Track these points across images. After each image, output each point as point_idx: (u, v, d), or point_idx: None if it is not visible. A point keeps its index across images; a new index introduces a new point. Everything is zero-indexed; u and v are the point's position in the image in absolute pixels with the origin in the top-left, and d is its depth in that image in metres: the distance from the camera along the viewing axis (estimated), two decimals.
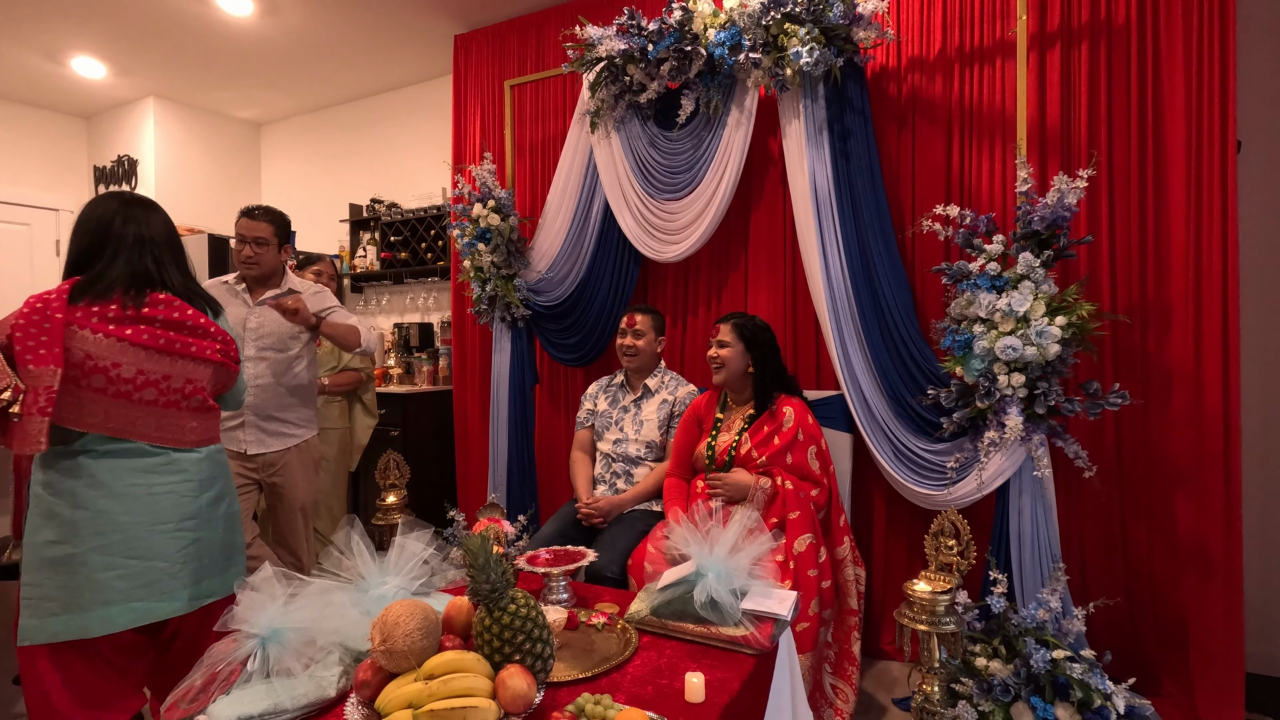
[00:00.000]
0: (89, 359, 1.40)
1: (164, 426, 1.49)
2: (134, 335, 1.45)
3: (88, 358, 1.40)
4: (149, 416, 1.47)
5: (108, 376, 1.42)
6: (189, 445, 1.54)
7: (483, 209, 2.93)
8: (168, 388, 1.49)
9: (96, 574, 1.40)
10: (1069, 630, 1.74)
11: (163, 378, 1.48)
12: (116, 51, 3.94)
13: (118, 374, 1.43)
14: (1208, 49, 2.07)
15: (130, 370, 1.44)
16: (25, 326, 1.35)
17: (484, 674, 1.09)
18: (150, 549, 1.45)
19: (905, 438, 2.26)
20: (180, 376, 1.51)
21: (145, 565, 1.45)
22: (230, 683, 1.14)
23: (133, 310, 1.46)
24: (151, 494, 1.47)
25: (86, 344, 1.41)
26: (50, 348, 1.35)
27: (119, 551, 1.42)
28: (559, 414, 3.30)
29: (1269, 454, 2.34)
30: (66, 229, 4.91)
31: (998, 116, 2.33)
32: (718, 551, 1.45)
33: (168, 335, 1.49)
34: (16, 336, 1.34)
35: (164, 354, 1.48)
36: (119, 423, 1.44)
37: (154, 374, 1.47)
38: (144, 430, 1.47)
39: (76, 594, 1.39)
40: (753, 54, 2.35)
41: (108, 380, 1.42)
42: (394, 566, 1.37)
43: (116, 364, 1.43)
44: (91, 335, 1.41)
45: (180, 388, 1.51)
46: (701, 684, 1.18)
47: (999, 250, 1.99)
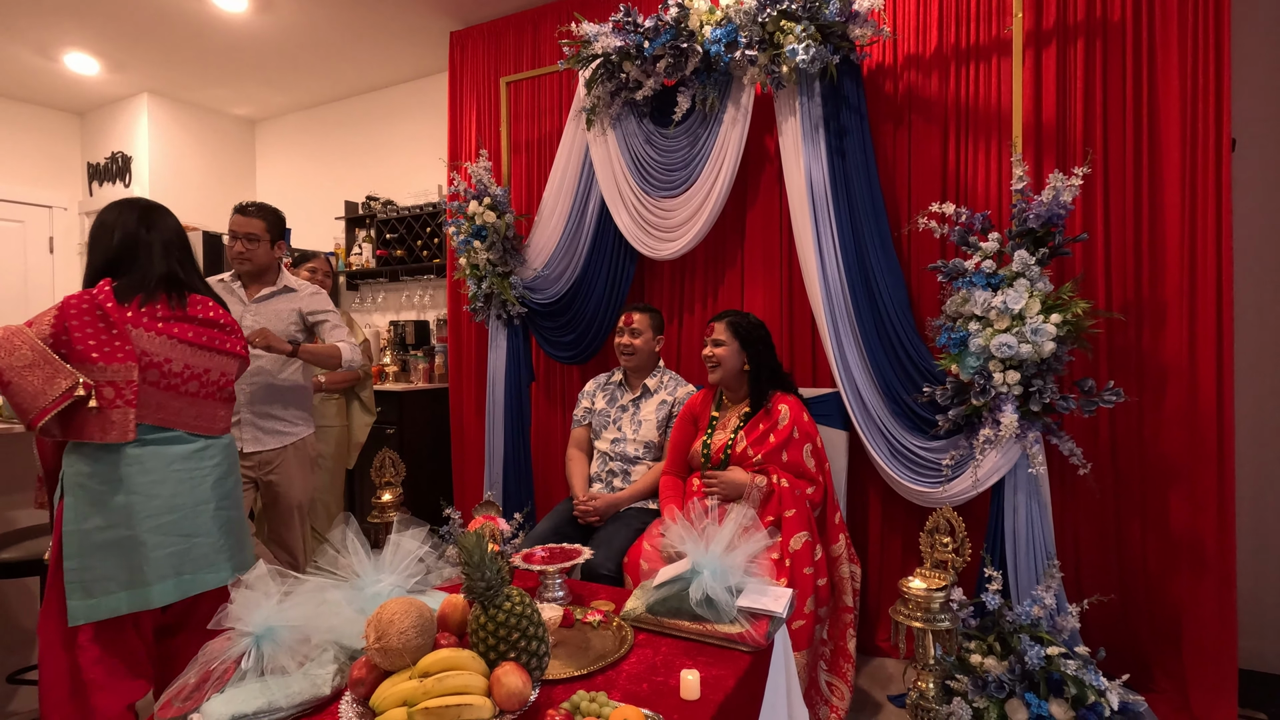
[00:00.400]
0: (145, 355, 1.55)
1: (202, 415, 1.66)
2: (181, 333, 1.61)
3: (144, 354, 1.55)
4: (191, 407, 1.64)
5: (161, 371, 1.57)
6: (219, 432, 1.71)
7: (479, 206, 2.92)
8: (207, 380, 1.66)
9: (153, 552, 1.55)
10: (1063, 627, 1.75)
11: (204, 371, 1.65)
12: (110, 47, 3.92)
13: (169, 368, 1.58)
14: (1203, 47, 2.07)
15: (179, 365, 1.60)
16: (83, 325, 1.48)
17: (479, 671, 1.09)
18: (198, 527, 1.62)
19: (901, 435, 2.26)
20: (217, 370, 1.68)
21: (194, 541, 1.61)
22: (224, 681, 1.14)
23: (179, 310, 1.62)
24: (193, 477, 1.62)
25: (142, 341, 1.55)
26: (124, 346, 1.50)
27: (173, 531, 1.58)
28: (555, 412, 3.30)
29: (1262, 451, 2.35)
30: (60, 226, 4.90)
31: (994, 114, 2.33)
32: (713, 549, 1.45)
33: (209, 333, 1.66)
34: (78, 336, 1.47)
35: (205, 349, 1.65)
36: (167, 413, 1.59)
37: (198, 368, 1.63)
38: (186, 419, 1.62)
39: (137, 572, 1.53)
40: (749, 51, 2.35)
41: (161, 374, 1.57)
42: (389, 564, 1.36)
43: (168, 359, 1.58)
44: (146, 334, 1.56)
45: (216, 380, 1.69)
46: (697, 681, 1.18)
47: (994, 248, 1.99)
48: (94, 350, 1.47)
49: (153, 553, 1.54)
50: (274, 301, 2.38)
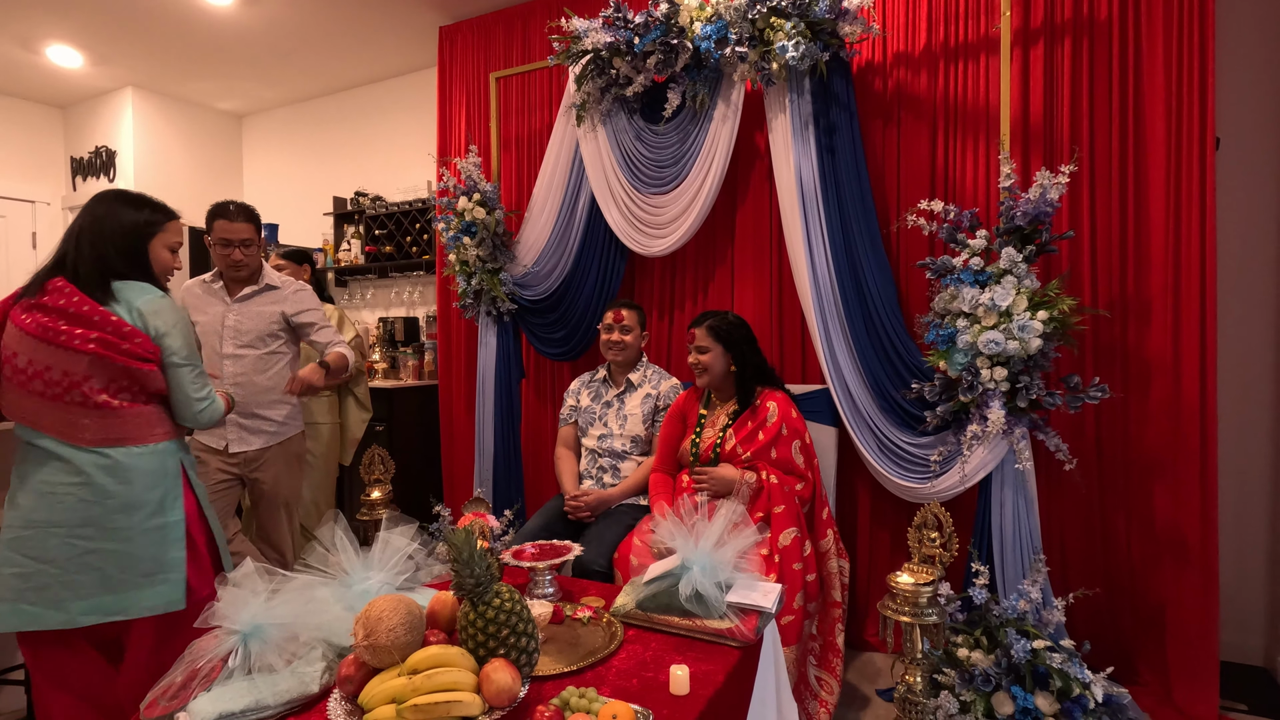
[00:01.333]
0: (5, 348, 1.45)
1: (61, 422, 1.44)
2: (30, 324, 1.43)
3: (4, 347, 1.45)
4: (47, 410, 1.43)
5: (13, 366, 1.44)
6: (86, 444, 1.44)
7: (468, 202, 2.91)
8: (50, 379, 1.43)
9: (3, 568, 1.41)
10: (1049, 621, 1.77)
11: (45, 369, 1.43)
12: (93, 40, 3.86)
13: (16, 364, 1.43)
14: (1188, 46, 2.09)
15: (24, 360, 1.43)
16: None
17: (468, 668, 1.09)
18: (44, 551, 1.40)
19: (889, 431, 2.28)
20: (57, 368, 1.43)
21: (39, 568, 1.40)
22: (211, 679, 1.13)
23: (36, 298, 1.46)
24: (53, 493, 1.42)
25: (9, 336, 1.45)
26: None
27: (21, 548, 1.40)
28: (545, 408, 3.30)
29: (1245, 446, 2.38)
30: (43, 221, 4.84)
31: (982, 112, 2.35)
32: (703, 545, 1.45)
33: (48, 323, 1.43)
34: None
35: (42, 342, 1.43)
36: (23, 413, 1.45)
37: (39, 364, 1.42)
38: (47, 424, 1.43)
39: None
40: (739, 48, 2.35)
41: (14, 370, 1.44)
42: (378, 562, 1.36)
43: (15, 353, 1.44)
44: (11, 326, 1.46)
45: (59, 380, 1.43)
46: (686, 676, 1.19)
47: (982, 245, 2.00)
48: None
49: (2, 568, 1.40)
50: (256, 300, 2.35)
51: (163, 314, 1.55)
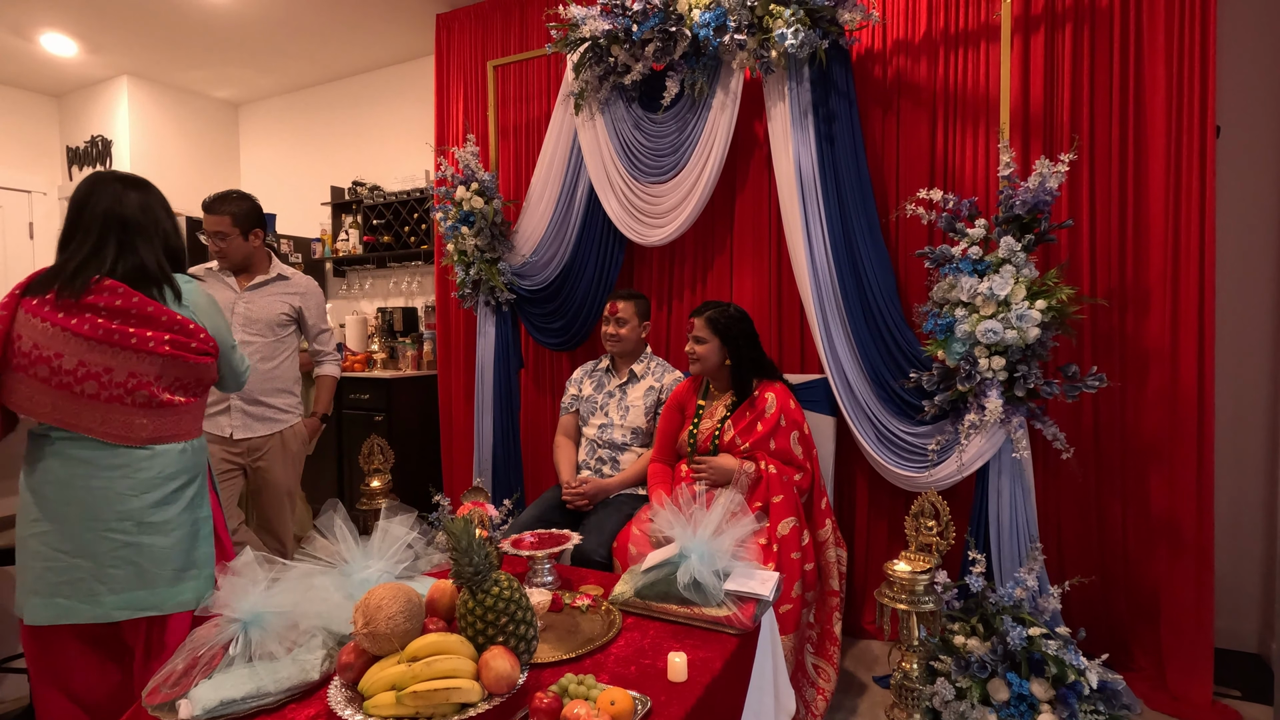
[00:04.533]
0: (36, 348, 1.36)
1: (110, 421, 1.41)
2: (77, 325, 1.37)
3: (35, 347, 1.36)
4: (93, 410, 1.39)
5: (50, 367, 1.37)
6: (139, 442, 1.43)
7: (466, 192, 2.90)
8: (110, 381, 1.39)
9: (32, 561, 1.39)
10: (1045, 608, 1.78)
11: (104, 370, 1.39)
12: (88, 28, 3.83)
13: (59, 364, 1.37)
14: (1188, 34, 2.08)
15: (71, 361, 1.37)
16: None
17: (467, 656, 1.10)
18: (79, 546, 1.39)
19: (887, 420, 2.28)
20: (123, 369, 1.40)
21: (72, 562, 1.38)
22: (212, 667, 1.14)
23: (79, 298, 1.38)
24: (89, 488, 1.39)
25: (36, 333, 1.37)
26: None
27: (52, 542, 1.38)
28: (544, 398, 3.30)
29: (1241, 435, 2.39)
30: (39, 211, 4.82)
31: (982, 100, 2.33)
32: (701, 533, 1.46)
33: (108, 325, 1.39)
34: None
35: (104, 345, 1.38)
36: (64, 415, 1.39)
37: (95, 366, 1.38)
38: (89, 424, 1.39)
39: (21, 576, 1.40)
40: (738, 35, 2.33)
41: (51, 371, 1.37)
42: (377, 550, 1.37)
43: (59, 354, 1.37)
44: (40, 324, 1.37)
45: (123, 382, 1.40)
46: (684, 663, 1.20)
47: (981, 234, 2.00)
48: None
49: (32, 562, 1.39)
50: (266, 290, 2.39)
51: (207, 304, 1.56)
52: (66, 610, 1.38)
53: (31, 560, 1.39)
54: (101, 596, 1.40)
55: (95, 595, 1.39)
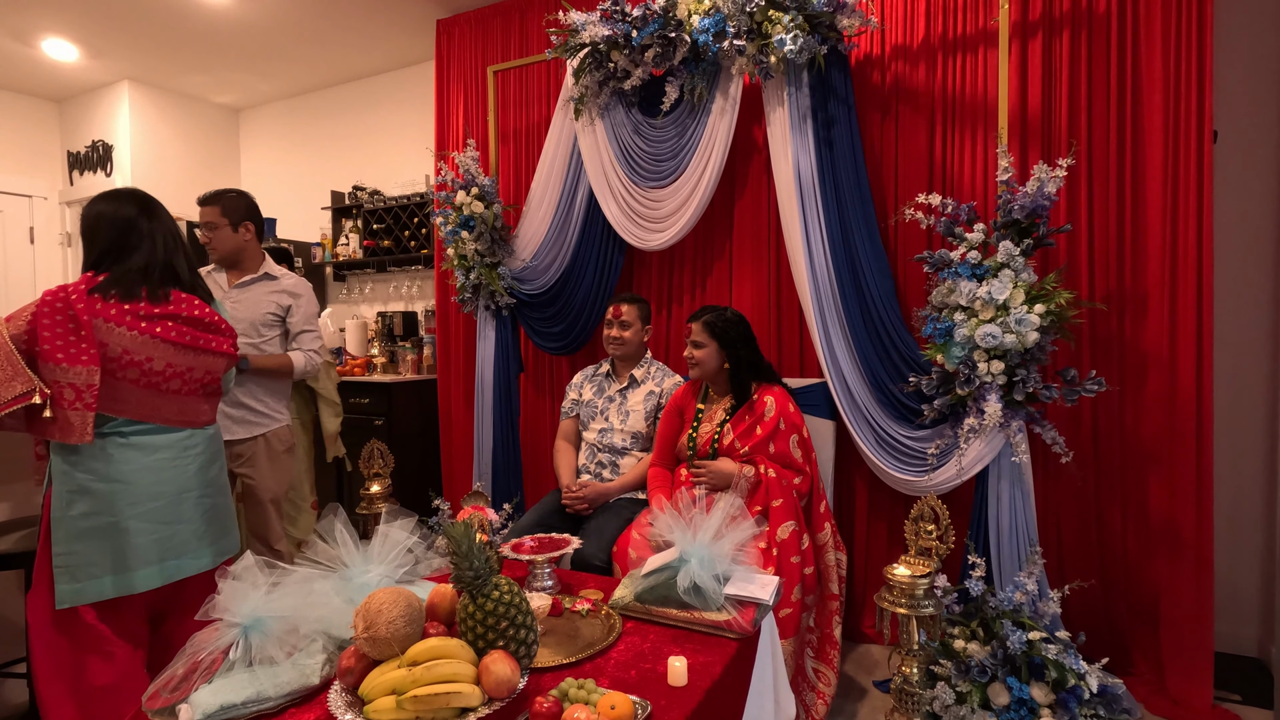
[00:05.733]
0: (126, 354, 1.56)
1: (184, 410, 1.68)
2: (164, 332, 1.60)
3: (125, 352, 1.56)
4: (173, 403, 1.65)
5: (141, 369, 1.58)
6: (202, 425, 1.74)
7: (466, 196, 2.91)
8: (190, 378, 1.67)
9: (136, 538, 1.58)
10: (1045, 612, 1.78)
11: (187, 370, 1.66)
12: (89, 34, 3.85)
13: (150, 367, 1.59)
14: (1186, 39, 2.09)
15: (160, 364, 1.60)
16: (53, 325, 1.48)
17: (468, 660, 1.10)
18: (179, 514, 1.65)
19: (887, 424, 2.28)
20: (201, 368, 1.69)
21: (176, 529, 1.64)
22: (212, 671, 1.14)
23: (159, 308, 1.61)
24: (175, 467, 1.65)
25: (123, 340, 1.55)
26: (88, 349, 1.49)
27: (154, 518, 1.61)
28: (544, 402, 3.30)
29: (1240, 438, 2.39)
30: (40, 215, 4.83)
31: (980, 105, 2.34)
32: (701, 538, 1.46)
33: (192, 332, 1.66)
34: (45, 335, 1.47)
35: (189, 349, 1.65)
36: (147, 409, 1.62)
37: (180, 366, 1.64)
38: (166, 415, 1.65)
39: (121, 557, 1.57)
40: (737, 41, 2.34)
41: (141, 373, 1.58)
42: (377, 555, 1.37)
43: (150, 358, 1.59)
44: (128, 332, 1.56)
45: (200, 378, 1.70)
46: (684, 668, 1.20)
47: (980, 239, 2.01)
48: (59, 351, 1.47)
49: (135, 539, 1.58)
50: (253, 289, 2.37)
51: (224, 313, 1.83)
52: (178, 568, 1.65)
53: (138, 538, 1.59)
54: (202, 550, 1.70)
55: (198, 551, 1.69)
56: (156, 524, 1.61)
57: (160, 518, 1.62)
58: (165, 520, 1.63)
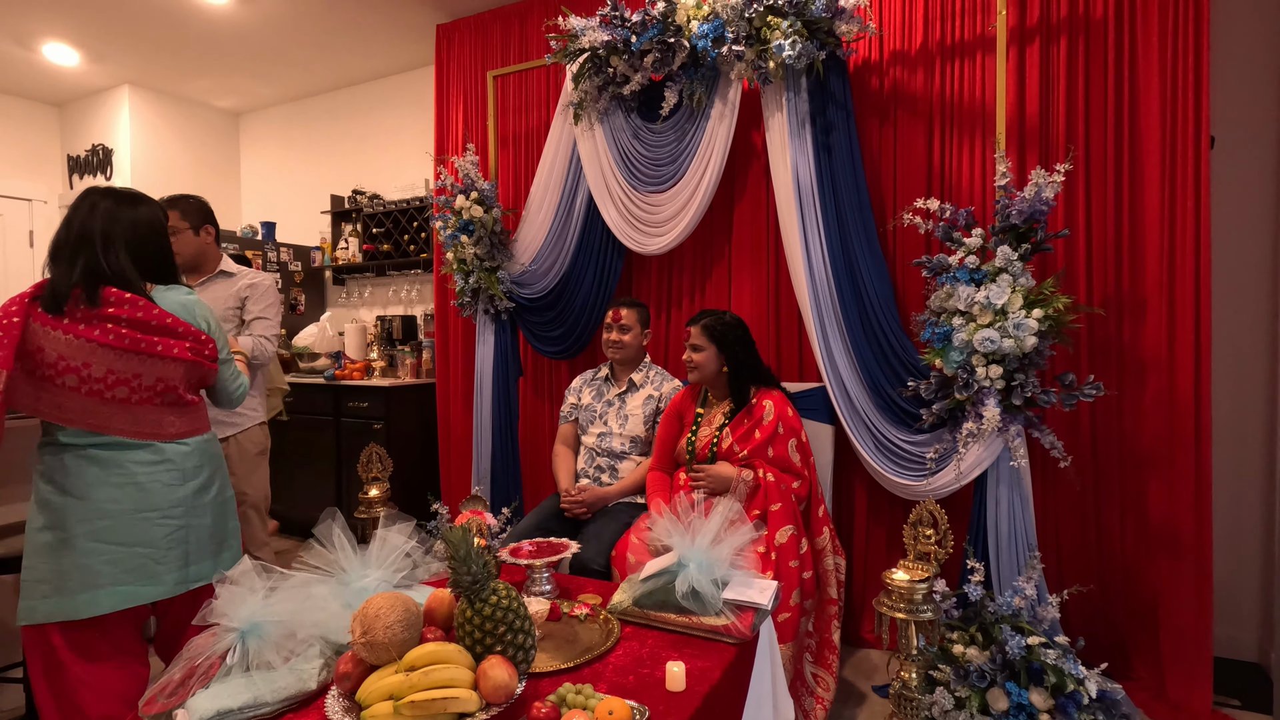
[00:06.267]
0: (61, 359, 1.44)
1: (140, 421, 1.52)
2: (100, 336, 1.45)
3: (60, 358, 1.44)
4: (124, 413, 1.50)
5: (79, 375, 1.45)
6: (170, 438, 1.58)
7: (465, 201, 2.91)
8: (139, 385, 1.51)
9: (84, 559, 1.46)
10: (1044, 617, 1.78)
11: (133, 376, 1.50)
12: (90, 38, 3.86)
13: (88, 373, 1.46)
14: (1183, 45, 2.10)
15: (100, 370, 1.46)
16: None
17: (465, 665, 1.10)
18: (136, 535, 1.51)
19: (885, 429, 2.28)
20: (151, 375, 1.52)
21: (131, 551, 1.50)
22: (209, 676, 1.14)
23: (90, 309, 1.46)
24: (136, 484, 1.51)
25: (58, 344, 1.43)
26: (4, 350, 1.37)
27: (106, 538, 1.48)
28: (543, 406, 3.30)
29: (1239, 442, 2.40)
30: (40, 219, 4.83)
31: (978, 110, 2.35)
32: (700, 542, 1.46)
33: (133, 335, 1.48)
34: None
35: (131, 353, 1.48)
36: (95, 419, 1.48)
37: (124, 373, 1.49)
38: (120, 426, 1.50)
39: (65, 577, 1.45)
40: (735, 46, 2.35)
41: (80, 379, 1.45)
42: (375, 559, 1.37)
43: (86, 364, 1.45)
44: (63, 336, 1.43)
45: (152, 385, 1.53)
46: (683, 673, 1.20)
47: (978, 244, 2.01)
48: None
49: (85, 559, 1.46)
50: (211, 287, 2.34)
51: (208, 314, 1.67)
52: (132, 594, 1.50)
53: (86, 558, 1.46)
54: (161, 576, 1.54)
55: (156, 576, 1.53)
56: (109, 544, 1.48)
57: (113, 538, 1.48)
58: (120, 541, 1.49)
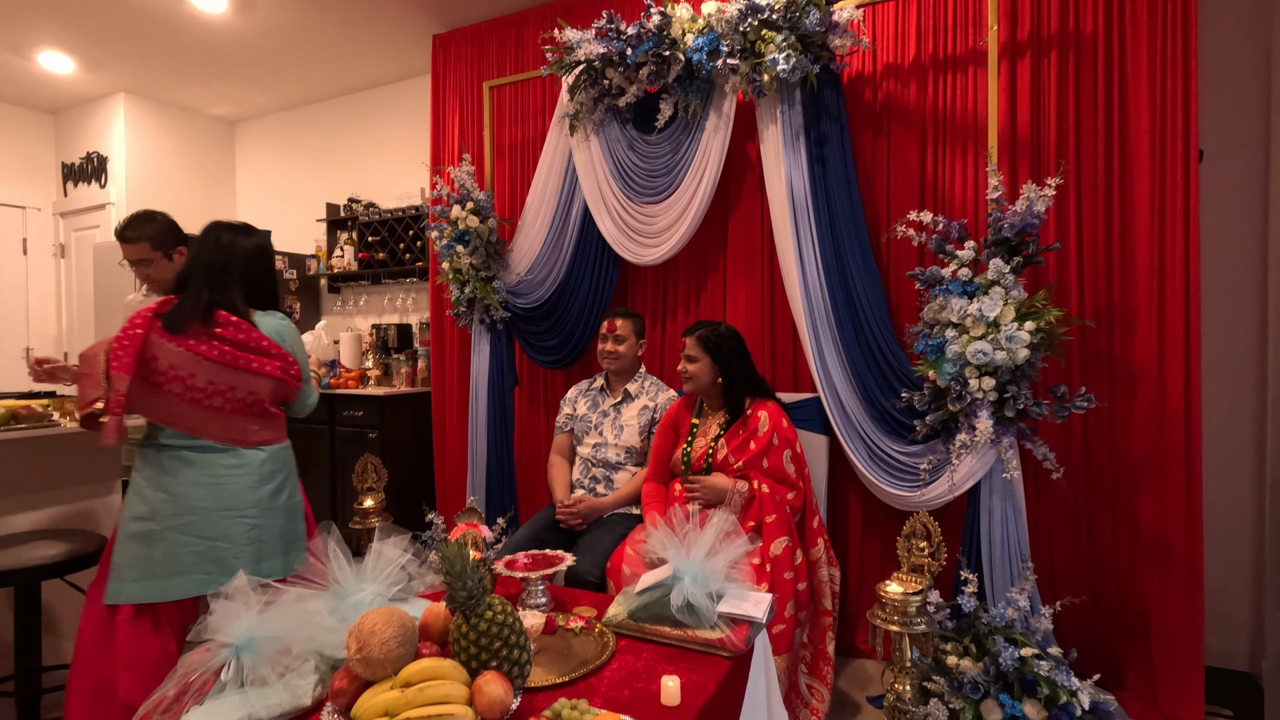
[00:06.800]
0: (171, 369, 1.67)
1: (230, 428, 1.75)
2: (206, 351, 1.70)
3: (171, 367, 1.67)
4: (217, 420, 1.73)
5: (185, 384, 1.68)
6: (252, 445, 1.79)
7: (461, 211, 2.92)
8: (233, 396, 1.74)
9: (172, 549, 1.67)
10: (1037, 628, 1.79)
11: (229, 388, 1.73)
12: (85, 47, 3.86)
13: (192, 383, 1.69)
14: (1171, 60, 2.13)
15: (203, 380, 1.70)
16: (120, 338, 1.63)
17: (461, 681, 1.10)
18: (217, 531, 1.71)
19: (879, 440, 2.29)
20: (244, 388, 1.75)
21: (212, 544, 1.70)
22: (204, 693, 1.14)
23: (203, 328, 1.71)
24: (219, 484, 1.72)
25: (171, 356, 1.67)
26: (125, 358, 1.61)
27: (191, 531, 1.69)
28: (538, 416, 3.30)
29: (1229, 453, 2.42)
30: (34, 226, 4.83)
31: (970, 123, 2.37)
32: (694, 555, 1.46)
33: (234, 353, 1.73)
34: (115, 346, 1.62)
35: (230, 368, 1.73)
36: (193, 423, 1.71)
37: (222, 384, 1.72)
38: (213, 431, 1.73)
39: (154, 564, 1.66)
40: (730, 60, 2.37)
41: (185, 387, 1.69)
42: (371, 573, 1.37)
43: (192, 374, 1.69)
44: (175, 349, 1.67)
45: (243, 397, 1.76)
46: (677, 687, 1.20)
47: (970, 256, 2.03)
48: (114, 360, 1.62)
49: (173, 549, 1.67)
50: None
51: (296, 339, 1.89)
52: (208, 583, 1.67)
53: (174, 548, 1.67)
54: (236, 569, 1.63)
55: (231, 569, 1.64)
56: (193, 537, 1.69)
57: (197, 531, 1.69)
58: (203, 535, 1.69)
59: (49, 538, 2.03)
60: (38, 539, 2.02)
